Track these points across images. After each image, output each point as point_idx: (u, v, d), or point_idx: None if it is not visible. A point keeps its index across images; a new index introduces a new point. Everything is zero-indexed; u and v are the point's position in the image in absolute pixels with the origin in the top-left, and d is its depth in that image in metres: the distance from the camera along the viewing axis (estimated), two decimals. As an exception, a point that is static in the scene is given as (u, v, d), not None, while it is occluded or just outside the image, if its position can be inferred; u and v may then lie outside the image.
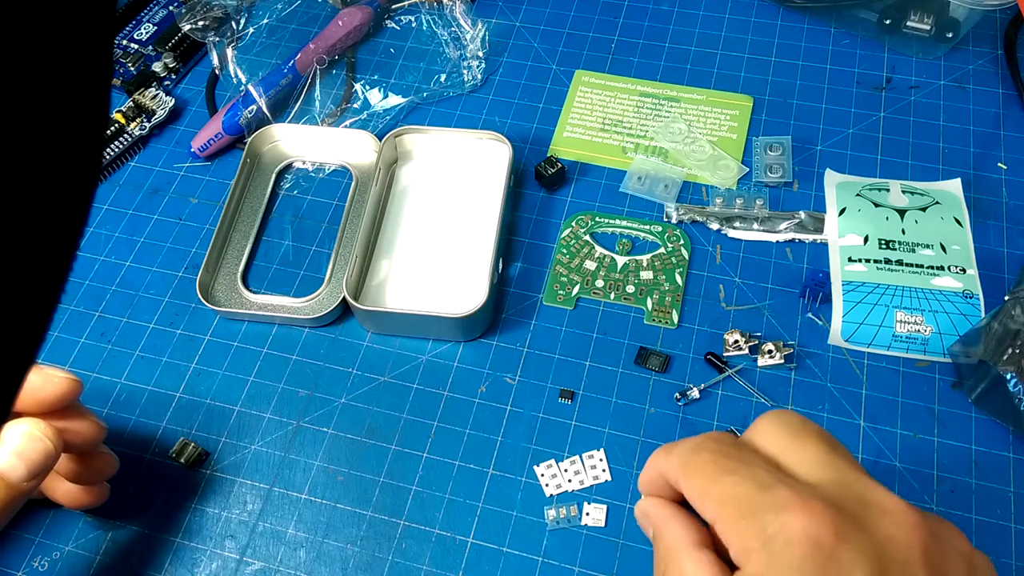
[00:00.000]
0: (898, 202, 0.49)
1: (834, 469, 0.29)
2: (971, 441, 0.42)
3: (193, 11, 0.59)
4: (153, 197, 0.54)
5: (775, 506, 0.27)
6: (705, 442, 0.31)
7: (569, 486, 0.42)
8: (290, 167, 0.55)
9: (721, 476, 0.29)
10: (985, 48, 0.57)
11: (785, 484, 0.28)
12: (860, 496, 0.28)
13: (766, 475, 0.29)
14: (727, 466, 0.29)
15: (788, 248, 0.49)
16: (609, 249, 0.49)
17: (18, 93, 0.15)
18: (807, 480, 0.29)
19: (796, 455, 0.30)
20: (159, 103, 0.57)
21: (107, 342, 0.49)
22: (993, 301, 0.45)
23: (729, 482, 0.29)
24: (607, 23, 0.60)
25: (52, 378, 0.37)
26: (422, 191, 0.53)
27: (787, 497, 0.27)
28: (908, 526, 0.27)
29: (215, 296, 0.49)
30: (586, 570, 0.40)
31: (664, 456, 0.32)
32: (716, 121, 0.54)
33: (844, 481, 0.29)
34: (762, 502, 0.28)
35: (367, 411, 0.45)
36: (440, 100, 0.57)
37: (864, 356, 0.45)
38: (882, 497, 0.28)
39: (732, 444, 0.31)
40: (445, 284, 0.49)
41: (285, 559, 0.41)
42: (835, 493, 0.28)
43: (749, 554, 0.27)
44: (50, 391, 0.36)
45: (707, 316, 0.47)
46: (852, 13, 0.57)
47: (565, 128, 0.55)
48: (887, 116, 0.54)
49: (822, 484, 0.29)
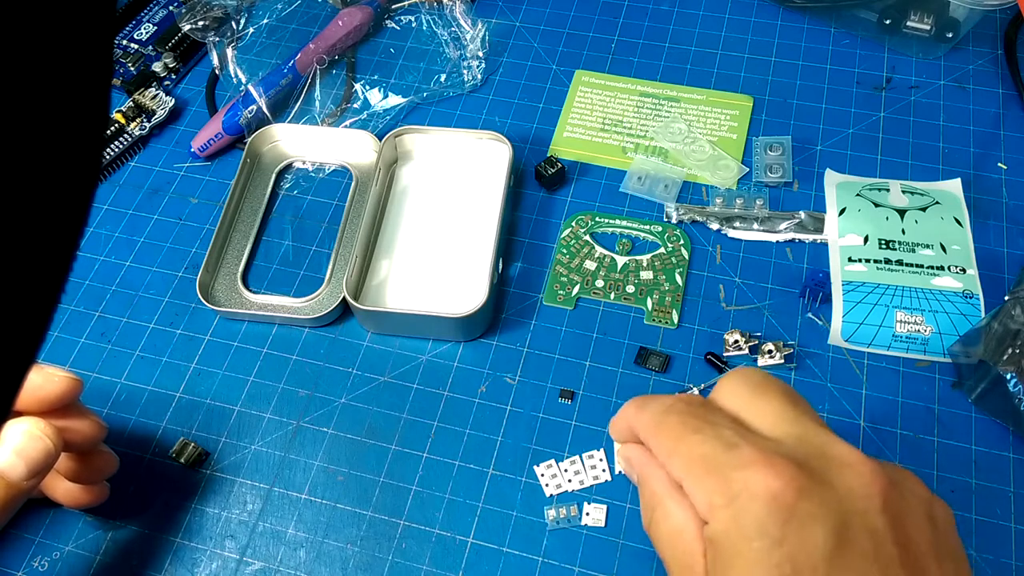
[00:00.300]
0: (898, 202, 0.49)
1: (796, 424, 0.30)
2: (971, 441, 0.42)
3: (193, 11, 0.59)
4: (153, 197, 0.54)
5: (739, 464, 0.28)
6: (676, 404, 0.32)
7: (569, 486, 0.42)
8: (290, 167, 0.55)
9: (688, 435, 0.30)
10: (985, 48, 0.57)
11: (749, 442, 0.29)
12: (821, 450, 0.29)
13: (731, 434, 0.30)
14: (694, 426, 0.30)
15: (788, 248, 0.49)
16: (609, 249, 0.49)
17: (18, 93, 0.15)
18: (770, 436, 0.30)
19: (759, 411, 0.31)
20: (159, 103, 0.57)
21: (107, 342, 0.49)
22: (993, 301, 0.45)
23: (696, 441, 0.30)
24: (607, 23, 0.60)
25: (52, 377, 0.37)
26: (422, 191, 0.53)
27: (751, 455, 0.28)
28: (867, 476, 0.28)
29: (215, 296, 0.49)
30: (586, 570, 0.40)
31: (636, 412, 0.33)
32: (716, 121, 0.54)
33: (805, 436, 0.29)
34: (727, 460, 0.28)
35: (367, 411, 0.45)
36: (440, 100, 0.57)
37: (864, 356, 0.45)
38: (842, 451, 0.29)
39: (700, 405, 0.32)
40: (445, 284, 0.49)
41: (285, 559, 0.41)
42: (797, 448, 0.29)
43: (715, 510, 0.28)
44: (50, 390, 0.37)
45: (707, 316, 0.47)
46: (852, 13, 0.57)
47: (565, 128, 0.55)
48: (887, 116, 0.54)
49: (784, 440, 0.29)
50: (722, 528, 0.28)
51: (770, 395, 0.31)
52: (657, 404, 0.33)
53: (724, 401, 0.32)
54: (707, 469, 0.29)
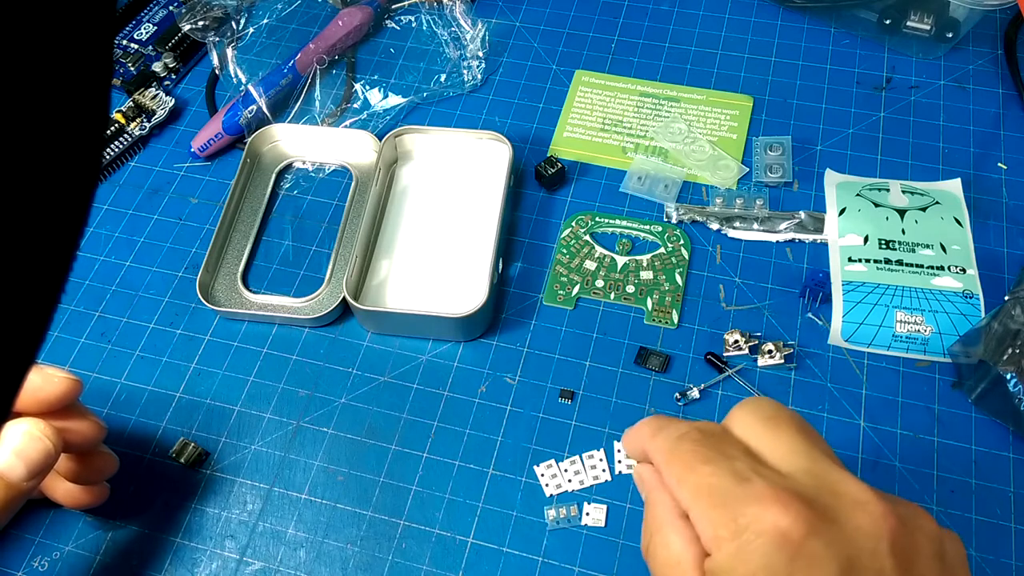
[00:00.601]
0: (898, 202, 0.49)
1: (807, 459, 0.30)
2: (971, 441, 0.42)
3: (193, 11, 0.59)
4: (153, 197, 0.54)
5: (749, 498, 0.28)
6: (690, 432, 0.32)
7: (569, 486, 0.42)
8: (290, 167, 0.55)
9: (699, 465, 0.30)
10: (985, 48, 0.57)
11: (760, 476, 0.29)
12: (831, 487, 0.29)
13: (743, 467, 0.29)
14: (706, 456, 0.30)
15: (788, 248, 0.49)
16: (609, 249, 0.49)
17: (18, 93, 0.15)
18: (780, 469, 0.30)
19: (770, 443, 0.31)
20: (159, 103, 0.57)
21: (107, 342, 0.49)
22: (993, 301, 0.45)
23: (706, 472, 0.30)
24: (607, 23, 0.60)
25: (52, 378, 0.37)
26: (422, 191, 0.53)
27: (761, 490, 0.28)
28: (877, 516, 0.28)
29: (215, 296, 0.49)
30: (586, 570, 0.40)
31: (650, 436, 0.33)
32: (716, 121, 0.54)
33: (816, 471, 0.29)
34: (737, 493, 0.28)
35: (367, 411, 0.45)
36: (440, 100, 0.57)
37: (864, 356, 0.45)
38: (853, 488, 0.29)
39: (715, 435, 0.32)
40: (445, 284, 0.49)
41: (285, 559, 0.41)
42: (807, 484, 0.29)
43: (720, 543, 0.28)
44: (50, 391, 0.36)
45: (707, 316, 0.47)
46: (852, 13, 0.57)
47: (565, 128, 0.55)
48: (887, 116, 0.54)
49: (795, 474, 0.29)
50: (725, 562, 0.27)
51: (783, 427, 0.31)
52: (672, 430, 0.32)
53: (736, 431, 0.32)
54: (715, 501, 0.28)
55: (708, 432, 0.32)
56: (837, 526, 0.27)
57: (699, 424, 0.32)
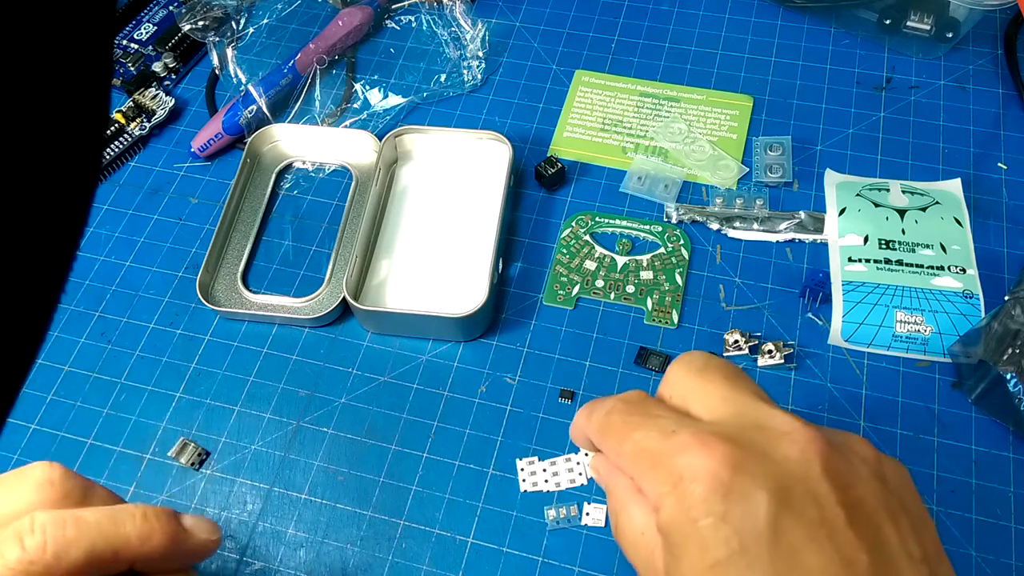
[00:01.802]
0: (898, 202, 0.49)
1: (735, 403, 0.30)
2: (971, 441, 0.42)
3: (193, 11, 0.59)
4: (153, 197, 0.54)
5: (676, 449, 0.28)
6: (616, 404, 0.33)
7: (546, 486, 0.42)
8: (290, 167, 0.55)
9: (630, 433, 0.31)
10: (985, 48, 0.57)
11: (685, 427, 0.29)
12: (757, 423, 0.29)
13: (668, 423, 0.30)
14: (636, 422, 0.31)
15: (788, 248, 0.49)
16: (609, 249, 0.49)
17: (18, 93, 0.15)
18: (708, 417, 0.30)
19: (701, 394, 0.31)
20: (159, 103, 0.57)
21: (107, 342, 0.49)
22: (993, 301, 0.45)
23: (637, 438, 0.30)
24: (607, 23, 0.60)
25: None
26: (422, 191, 0.53)
27: (686, 439, 0.28)
28: (804, 443, 0.28)
29: (215, 296, 0.49)
30: (586, 570, 0.40)
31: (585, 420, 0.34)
32: (716, 121, 0.54)
33: (743, 411, 0.30)
34: (667, 448, 0.29)
35: (367, 411, 0.45)
36: (440, 100, 0.57)
37: (864, 356, 0.45)
38: (778, 421, 0.29)
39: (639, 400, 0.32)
40: (445, 284, 0.49)
41: (285, 559, 0.41)
42: (734, 424, 0.29)
43: (663, 499, 0.28)
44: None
45: (707, 316, 0.47)
46: (852, 13, 0.57)
47: (565, 128, 0.55)
48: (887, 116, 0.54)
49: (723, 419, 0.30)
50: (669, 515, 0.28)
51: (710, 376, 0.31)
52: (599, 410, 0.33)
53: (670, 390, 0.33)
54: (651, 462, 0.29)
55: (632, 400, 0.32)
56: (765, 458, 0.28)
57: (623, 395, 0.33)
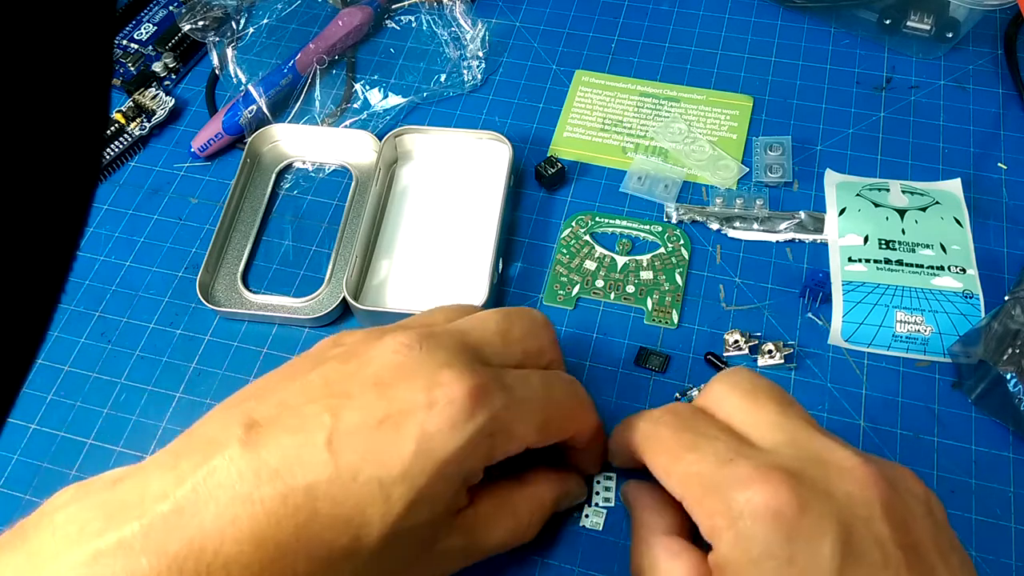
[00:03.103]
0: (898, 202, 0.49)
1: (789, 430, 0.29)
2: (971, 441, 0.42)
3: (193, 11, 0.59)
4: (153, 197, 0.54)
5: (737, 481, 0.28)
6: (664, 416, 0.32)
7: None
8: (290, 167, 0.55)
9: (683, 453, 0.30)
10: (985, 48, 0.57)
11: (744, 456, 0.28)
12: (817, 456, 0.28)
13: (725, 448, 0.29)
14: (687, 441, 0.30)
15: (788, 248, 0.49)
16: (609, 249, 0.49)
17: (18, 93, 0.15)
18: (764, 445, 0.29)
19: (751, 417, 0.30)
20: (159, 103, 0.57)
21: (107, 342, 0.49)
22: (993, 301, 0.45)
23: (690, 460, 0.29)
24: (607, 23, 0.60)
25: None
26: (422, 191, 0.53)
27: (747, 471, 0.28)
28: (866, 481, 0.28)
29: (215, 296, 0.49)
30: (586, 570, 0.40)
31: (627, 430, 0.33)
32: (716, 121, 0.54)
33: (799, 442, 0.29)
34: (724, 478, 0.28)
35: (367, 411, 0.45)
36: (440, 100, 0.57)
37: (864, 356, 0.45)
38: (839, 456, 0.28)
39: (690, 416, 0.31)
40: (445, 284, 0.49)
41: (285, 559, 0.41)
42: (792, 456, 0.28)
43: (719, 532, 0.28)
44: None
45: (707, 316, 0.47)
46: (852, 13, 0.57)
47: (565, 128, 0.55)
48: (887, 116, 0.54)
49: (778, 448, 0.29)
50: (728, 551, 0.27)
51: (761, 400, 0.31)
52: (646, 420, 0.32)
53: (715, 408, 0.32)
54: (705, 489, 0.28)
55: (683, 414, 0.31)
56: (828, 497, 0.27)
57: (671, 407, 0.32)
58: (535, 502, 0.36)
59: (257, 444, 0.29)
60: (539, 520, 0.36)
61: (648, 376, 0.45)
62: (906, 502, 0.28)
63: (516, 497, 0.36)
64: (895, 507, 0.27)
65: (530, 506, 0.35)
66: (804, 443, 0.29)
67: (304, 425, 0.29)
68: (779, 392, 0.31)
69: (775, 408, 0.30)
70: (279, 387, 0.32)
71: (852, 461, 0.28)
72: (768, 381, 0.32)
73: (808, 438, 0.29)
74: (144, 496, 0.28)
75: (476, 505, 0.33)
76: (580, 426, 0.36)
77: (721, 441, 0.29)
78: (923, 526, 0.28)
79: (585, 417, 0.36)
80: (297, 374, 0.32)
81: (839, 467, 0.28)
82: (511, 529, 0.35)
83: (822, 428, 0.30)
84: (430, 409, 0.29)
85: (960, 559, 0.28)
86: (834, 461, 0.28)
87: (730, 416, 0.31)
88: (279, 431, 0.29)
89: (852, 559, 0.26)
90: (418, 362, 0.31)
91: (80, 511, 0.28)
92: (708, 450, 0.29)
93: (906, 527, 0.27)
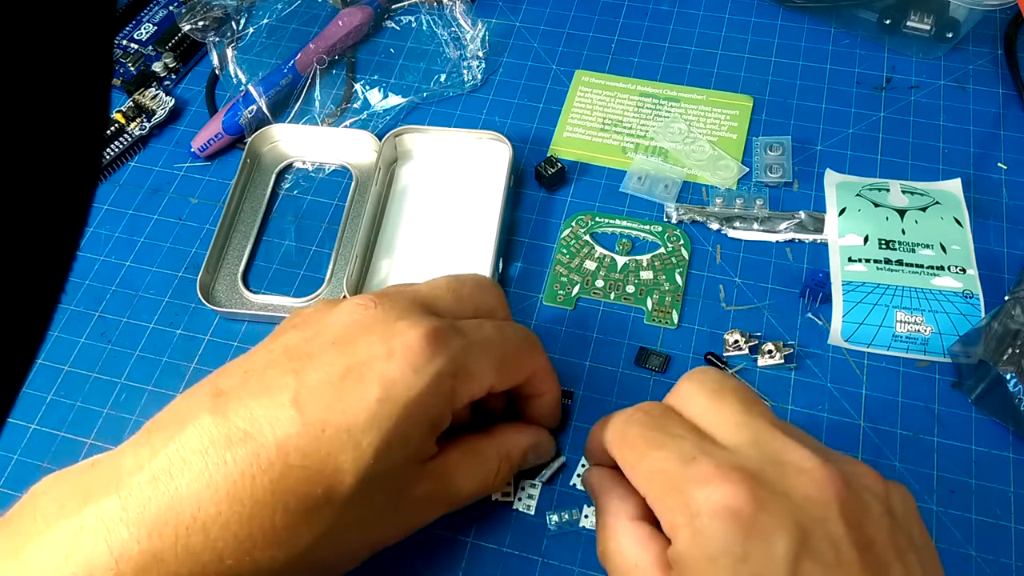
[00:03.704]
0: (898, 202, 0.49)
1: (752, 430, 0.30)
2: (971, 441, 0.42)
3: (193, 11, 0.59)
4: (153, 197, 0.54)
5: (697, 480, 0.28)
6: (634, 414, 0.32)
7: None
8: (290, 167, 0.55)
9: (649, 451, 0.30)
10: (985, 48, 0.57)
11: (706, 455, 0.29)
12: (776, 457, 0.29)
13: (689, 447, 0.30)
14: (654, 440, 0.31)
15: (788, 248, 0.49)
16: (609, 249, 0.49)
17: (18, 93, 0.15)
18: (727, 444, 0.30)
19: (716, 417, 0.31)
20: (159, 103, 0.57)
21: (107, 342, 0.49)
22: (993, 301, 0.45)
23: (655, 457, 0.30)
24: (607, 23, 0.60)
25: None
26: (422, 191, 0.53)
27: (708, 470, 0.28)
28: (823, 482, 0.28)
29: (215, 296, 0.49)
30: (586, 570, 0.40)
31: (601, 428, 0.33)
32: (716, 121, 0.54)
33: (761, 442, 0.29)
34: (685, 476, 0.29)
35: (367, 411, 0.45)
36: (440, 100, 0.57)
37: (864, 356, 0.45)
38: (797, 456, 0.29)
39: (660, 415, 0.32)
40: (445, 284, 0.49)
41: (285, 559, 0.41)
42: (753, 456, 0.29)
43: (677, 529, 0.28)
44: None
45: (707, 316, 0.47)
46: (852, 13, 0.57)
47: (565, 128, 0.55)
48: (887, 116, 0.54)
49: (741, 447, 0.29)
50: (685, 548, 0.28)
51: (727, 400, 0.31)
52: (618, 418, 0.33)
53: (682, 406, 0.32)
54: (667, 486, 0.29)
55: (653, 413, 0.32)
56: (785, 498, 0.27)
57: (643, 405, 0.33)
58: (503, 450, 0.38)
59: (225, 410, 0.30)
60: (507, 469, 0.38)
61: (648, 376, 0.45)
62: (864, 501, 0.28)
63: (484, 445, 0.37)
64: (851, 507, 0.28)
65: (498, 453, 0.37)
66: (765, 443, 0.29)
67: (269, 388, 0.31)
68: (745, 391, 0.32)
69: (739, 408, 0.31)
70: (242, 361, 0.34)
71: (811, 462, 0.28)
72: (735, 380, 0.32)
73: (770, 438, 0.29)
74: (120, 472, 0.30)
75: (446, 454, 0.35)
76: (535, 364, 0.38)
77: (687, 440, 0.30)
78: (880, 525, 0.28)
79: (539, 356, 0.38)
80: (259, 348, 0.34)
81: (797, 467, 0.28)
82: (481, 476, 0.37)
83: (787, 427, 0.30)
84: (390, 357, 0.31)
85: (919, 557, 0.28)
86: (792, 462, 0.29)
87: (696, 416, 0.31)
88: (245, 396, 0.31)
89: (806, 558, 0.26)
90: (373, 318, 0.32)
91: (60, 492, 0.30)
92: (673, 448, 0.30)
93: (861, 527, 0.28)
